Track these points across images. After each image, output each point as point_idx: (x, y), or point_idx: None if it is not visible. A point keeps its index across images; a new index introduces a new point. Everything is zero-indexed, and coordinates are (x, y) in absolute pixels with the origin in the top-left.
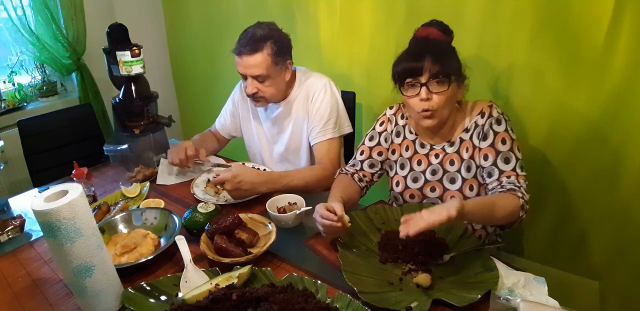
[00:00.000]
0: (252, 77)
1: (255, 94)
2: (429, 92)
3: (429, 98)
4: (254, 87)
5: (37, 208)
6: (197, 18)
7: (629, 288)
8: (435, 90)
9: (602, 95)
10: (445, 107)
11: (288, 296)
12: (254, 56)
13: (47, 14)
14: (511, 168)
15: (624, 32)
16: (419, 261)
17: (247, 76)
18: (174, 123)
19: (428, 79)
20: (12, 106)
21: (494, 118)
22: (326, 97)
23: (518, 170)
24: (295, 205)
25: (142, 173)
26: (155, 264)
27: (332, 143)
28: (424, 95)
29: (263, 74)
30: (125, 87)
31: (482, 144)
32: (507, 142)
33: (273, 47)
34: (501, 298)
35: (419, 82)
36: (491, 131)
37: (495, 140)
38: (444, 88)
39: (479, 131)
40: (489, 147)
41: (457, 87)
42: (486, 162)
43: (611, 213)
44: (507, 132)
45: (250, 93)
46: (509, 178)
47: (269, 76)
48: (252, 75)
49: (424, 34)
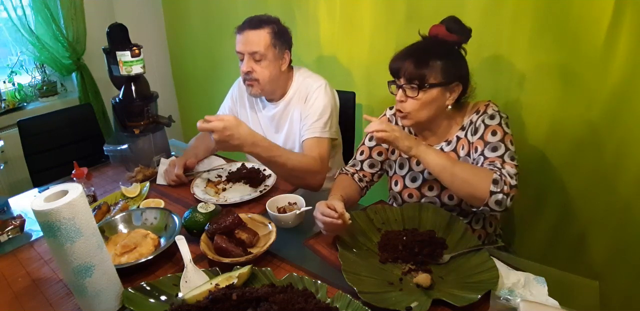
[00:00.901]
0: (249, 55)
1: (249, 73)
2: (403, 94)
3: (403, 101)
4: (250, 66)
5: (37, 208)
6: (197, 18)
7: (629, 288)
8: (409, 94)
9: (602, 95)
10: (419, 111)
11: (288, 296)
12: (255, 31)
13: (47, 14)
14: (497, 155)
15: (624, 32)
16: (419, 261)
17: (244, 55)
18: (174, 123)
19: (404, 82)
20: (12, 106)
21: (487, 114)
22: (320, 96)
23: (506, 158)
24: (295, 205)
25: (142, 173)
26: (155, 264)
27: (322, 142)
28: (398, 97)
29: (260, 51)
30: (125, 87)
31: (473, 138)
32: (498, 134)
33: (275, 29)
34: (501, 298)
35: (399, 83)
36: (482, 125)
37: (485, 132)
38: (414, 94)
39: (472, 127)
40: (478, 140)
41: (440, 93)
42: (476, 153)
43: (611, 213)
44: (499, 126)
45: (245, 71)
46: (492, 163)
47: (265, 56)
48: (250, 51)
49: (432, 32)
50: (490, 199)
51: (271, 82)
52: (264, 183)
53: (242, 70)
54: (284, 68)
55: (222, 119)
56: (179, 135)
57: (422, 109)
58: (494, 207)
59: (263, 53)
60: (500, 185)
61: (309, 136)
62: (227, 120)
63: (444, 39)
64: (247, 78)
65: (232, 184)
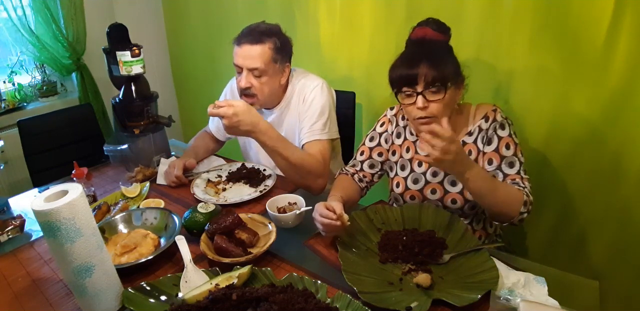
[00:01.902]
0: (248, 70)
1: (248, 89)
2: (425, 100)
3: (426, 106)
4: (248, 81)
5: (37, 208)
6: (197, 18)
7: (629, 288)
8: (432, 98)
9: (602, 95)
10: (444, 112)
11: (288, 296)
12: (255, 47)
13: (47, 14)
14: (515, 172)
15: (624, 32)
16: (419, 261)
17: (242, 69)
18: (174, 123)
19: (424, 88)
20: (12, 106)
21: (497, 122)
22: (317, 97)
23: (522, 173)
24: (295, 205)
25: (142, 173)
26: (155, 264)
27: (323, 144)
28: (420, 104)
29: (260, 67)
30: (125, 87)
31: (486, 148)
32: (511, 147)
33: (276, 43)
34: (501, 298)
35: (415, 91)
36: (495, 136)
37: (500, 145)
38: (441, 96)
39: (483, 135)
40: (493, 152)
41: (455, 91)
42: (490, 166)
43: (611, 213)
44: (510, 137)
45: (244, 86)
46: (513, 181)
47: (265, 72)
48: (249, 67)
49: (420, 35)
50: (517, 218)
51: (270, 96)
52: (264, 183)
53: (239, 85)
54: (283, 81)
55: (232, 105)
56: (179, 135)
57: (446, 110)
58: (516, 223)
59: (263, 69)
60: (527, 206)
61: (309, 139)
62: (237, 105)
63: (432, 39)
64: (245, 93)
65: (232, 184)
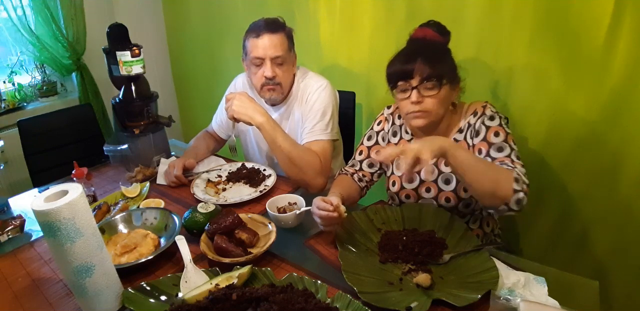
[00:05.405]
0: (271, 59)
1: (274, 78)
2: (419, 95)
3: (420, 101)
4: (274, 71)
5: (37, 208)
6: (197, 18)
7: (629, 288)
8: (427, 93)
9: (602, 95)
10: (439, 109)
11: (288, 296)
12: (275, 35)
13: (47, 14)
14: (505, 155)
15: (624, 32)
16: (419, 261)
17: (263, 60)
18: (174, 123)
19: (419, 82)
20: (12, 106)
21: (486, 115)
22: (320, 97)
23: (513, 157)
24: (295, 205)
25: (142, 173)
26: (155, 264)
27: (324, 144)
28: (414, 98)
29: (282, 55)
30: (125, 87)
31: (475, 140)
32: (501, 135)
33: (289, 32)
34: (501, 298)
35: (410, 85)
36: (483, 126)
37: (488, 133)
38: (435, 91)
39: (472, 129)
40: (481, 142)
41: (450, 90)
42: (480, 155)
43: (611, 213)
44: (500, 126)
45: (271, 76)
46: (502, 162)
47: (286, 59)
48: (272, 56)
49: (420, 34)
50: (512, 198)
51: (289, 86)
52: (264, 183)
53: (265, 75)
54: (294, 71)
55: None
56: (179, 135)
57: (441, 106)
58: (514, 207)
59: (285, 56)
60: (520, 183)
61: (310, 139)
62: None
63: (431, 39)
64: (270, 83)
65: (232, 184)
